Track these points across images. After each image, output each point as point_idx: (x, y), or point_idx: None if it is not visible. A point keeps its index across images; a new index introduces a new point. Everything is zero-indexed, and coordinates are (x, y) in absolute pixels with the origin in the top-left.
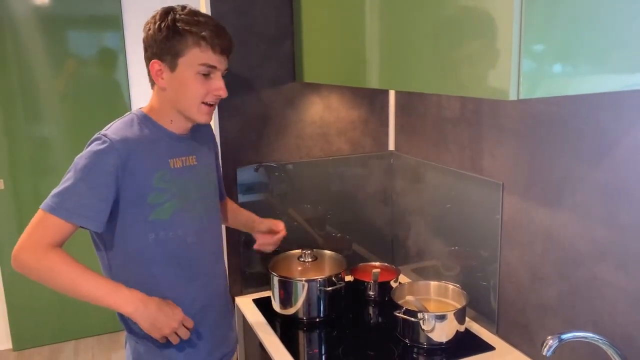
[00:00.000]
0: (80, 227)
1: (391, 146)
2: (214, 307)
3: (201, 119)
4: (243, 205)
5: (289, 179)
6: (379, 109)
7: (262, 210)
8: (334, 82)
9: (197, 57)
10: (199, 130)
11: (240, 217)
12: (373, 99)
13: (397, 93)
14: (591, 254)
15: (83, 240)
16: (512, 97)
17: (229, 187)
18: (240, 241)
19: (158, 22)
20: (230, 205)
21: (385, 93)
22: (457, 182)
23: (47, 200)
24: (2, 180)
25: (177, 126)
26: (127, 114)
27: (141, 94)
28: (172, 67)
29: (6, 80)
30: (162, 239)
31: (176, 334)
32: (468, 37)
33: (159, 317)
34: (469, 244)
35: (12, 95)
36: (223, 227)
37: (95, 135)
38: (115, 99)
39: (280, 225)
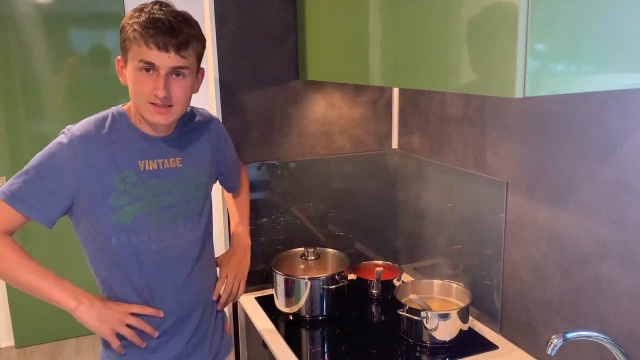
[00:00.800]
0: (30, 218)
1: (394, 144)
2: (191, 316)
3: (150, 118)
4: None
5: (292, 177)
6: (382, 107)
7: (265, 208)
8: (337, 79)
9: (137, 53)
10: (195, 130)
11: (233, 217)
12: (376, 97)
13: (401, 91)
14: (596, 252)
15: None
16: (519, 94)
17: None
18: None
19: (124, 19)
20: (233, 199)
21: (388, 90)
22: (461, 180)
23: (4, 187)
24: (4, 177)
25: (148, 127)
26: (108, 109)
27: None
28: (125, 63)
29: (8, 77)
30: (124, 243)
31: (129, 327)
32: (473, 34)
33: (105, 311)
34: (473, 243)
35: (14, 93)
36: (223, 228)
37: (63, 129)
38: (117, 96)
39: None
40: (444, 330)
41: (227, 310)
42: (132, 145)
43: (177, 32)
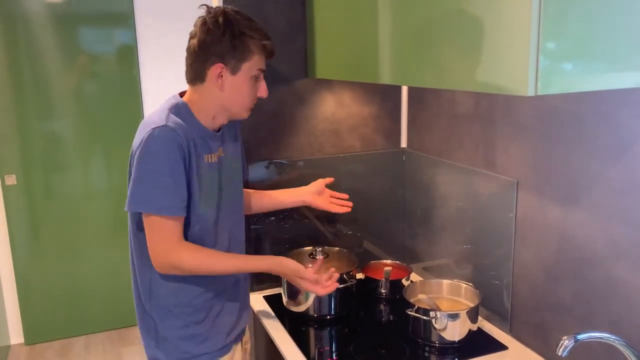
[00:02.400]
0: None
1: (403, 143)
2: (240, 288)
3: (245, 115)
4: None
5: (300, 175)
6: (391, 106)
7: None
8: (346, 78)
9: (257, 62)
10: (231, 126)
11: (276, 197)
12: (385, 95)
13: (410, 89)
14: (608, 253)
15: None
16: (530, 93)
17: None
18: (251, 237)
19: (223, 29)
20: (258, 193)
21: (397, 89)
22: (471, 179)
23: (140, 202)
24: (14, 175)
25: (215, 123)
26: (171, 102)
27: (153, 90)
28: (234, 71)
29: (19, 76)
30: (199, 230)
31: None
32: (485, 33)
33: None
34: (482, 243)
35: (25, 92)
36: None
37: (153, 126)
38: (127, 95)
39: (327, 179)
40: (453, 331)
41: None
42: (201, 141)
43: None
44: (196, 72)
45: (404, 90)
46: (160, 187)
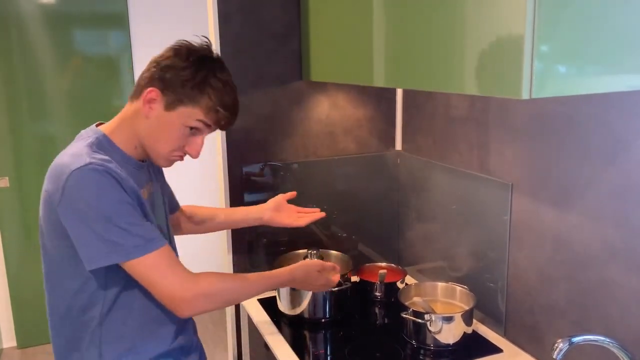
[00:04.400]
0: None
1: (398, 146)
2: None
3: (162, 163)
4: (248, 204)
5: (295, 178)
6: (386, 108)
7: None
8: (341, 80)
9: (197, 115)
10: None
11: (230, 214)
12: (380, 98)
13: (405, 91)
14: (602, 255)
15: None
16: (525, 95)
17: (234, 187)
18: (245, 240)
19: (189, 64)
20: (207, 210)
21: (392, 91)
22: (465, 182)
23: (123, 251)
24: (7, 178)
25: (139, 153)
26: (89, 136)
27: None
28: (168, 107)
29: (12, 78)
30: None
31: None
32: (479, 36)
33: (306, 286)
34: (477, 245)
35: (18, 93)
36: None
37: (70, 170)
38: (121, 97)
39: (288, 194)
40: (448, 333)
41: (230, 311)
42: (131, 175)
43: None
44: (138, 85)
45: (399, 92)
46: (127, 224)
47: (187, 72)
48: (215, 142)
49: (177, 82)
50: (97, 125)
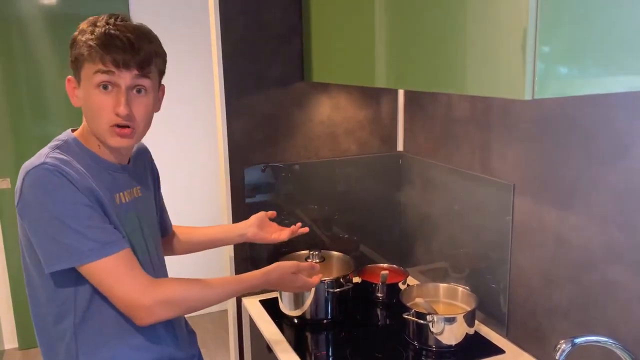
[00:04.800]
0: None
1: (400, 147)
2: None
3: (111, 141)
4: (250, 205)
5: (296, 179)
6: (387, 109)
7: (269, 210)
8: (343, 81)
9: (91, 67)
10: (139, 158)
11: (211, 233)
12: (382, 99)
13: (406, 92)
14: (604, 256)
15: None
16: (527, 96)
17: (236, 188)
18: (246, 242)
19: (75, 33)
20: (188, 230)
21: (394, 92)
22: (467, 183)
23: (77, 254)
24: (9, 179)
25: (108, 153)
26: (58, 139)
27: None
28: (78, 80)
29: (13, 79)
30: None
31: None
32: (481, 36)
33: (282, 288)
34: (479, 246)
35: (19, 95)
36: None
37: (27, 169)
38: None
39: (269, 213)
40: (450, 334)
41: (232, 312)
42: (105, 178)
43: (138, 49)
44: None
45: (401, 93)
46: (83, 226)
47: (71, 40)
48: (216, 144)
49: (70, 54)
50: (72, 130)
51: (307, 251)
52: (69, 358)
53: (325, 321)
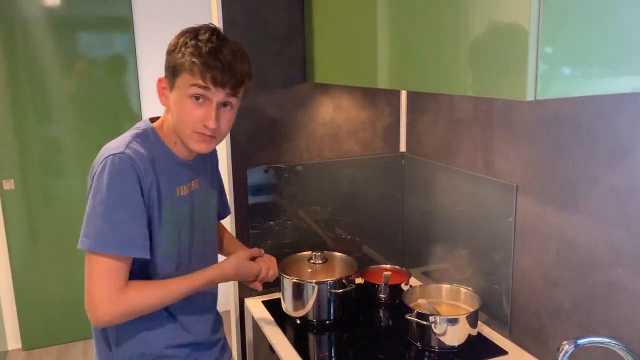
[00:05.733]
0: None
1: (402, 147)
2: (216, 334)
3: (194, 146)
4: (253, 206)
5: (299, 180)
6: (390, 110)
7: (272, 211)
8: (345, 82)
9: (188, 79)
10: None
11: (231, 244)
12: (384, 100)
13: (409, 93)
14: (607, 257)
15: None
16: (530, 97)
17: (239, 189)
18: (249, 243)
19: (176, 39)
20: (224, 230)
21: (396, 93)
22: (470, 184)
23: (90, 239)
24: (12, 180)
25: (181, 150)
26: (139, 127)
27: (151, 95)
28: (171, 86)
29: (17, 81)
30: (168, 272)
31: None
32: (484, 38)
33: (241, 276)
34: (482, 247)
35: (23, 96)
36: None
37: (109, 154)
38: (125, 100)
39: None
40: (453, 335)
41: (234, 313)
42: (171, 171)
43: (234, 72)
44: None
45: (403, 94)
46: (113, 222)
47: (171, 46)
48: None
49: (168, 59)
50: (150, 119)
51: (310, 252)
52: (110, 335)
53: (327, 322)
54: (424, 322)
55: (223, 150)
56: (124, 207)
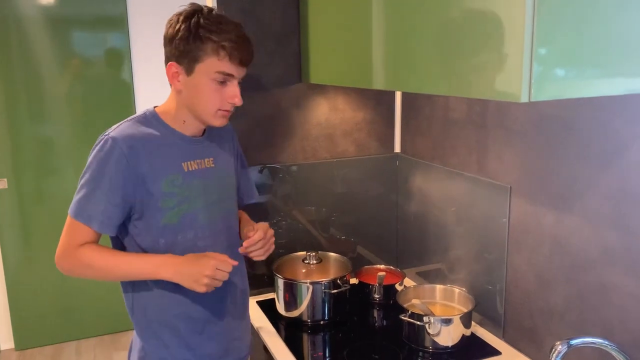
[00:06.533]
0: (93, 230)
1: (397, 148)
2: (227, 310)
3: (216, 122)
4: (247, 206)
5: (294, 180)
6: (385, 111)
7: (266, 211)
8: (340, 83)
9: (214, 65)
10: (216, 132)
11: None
12: (379, 101)
13: (404, 94)
14: (600, 258)
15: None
16: (524, 99)
17: None
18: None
19: (180, 24)
20: (242, 214)
21: (391, 94)
22: (464, 185)
23: (72, 205)
24: (5, 179)
25: (190, 128)
26: (140, 112)
27: (146, 94)
28: (189, 71)
29: (11, 79)
30: (170, 243)
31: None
32: (478, 40)
33: (193, 271)
34: (476, 248)
35: (17, 95)
36: None
37: (101, 136)
38: (120, 99)
39: (257, 229)
40: (447, 336)
41: None
42: (174, 147)
43: (251, 48)
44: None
45: (398, 95)
46: (87, 194)
47: (183, 32)
48: None
49: (182, 45)
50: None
51: (304, 252)
52: (135, 308)
53: (322, 322)
54: (418, 323)
55: None
56: (96, 184)
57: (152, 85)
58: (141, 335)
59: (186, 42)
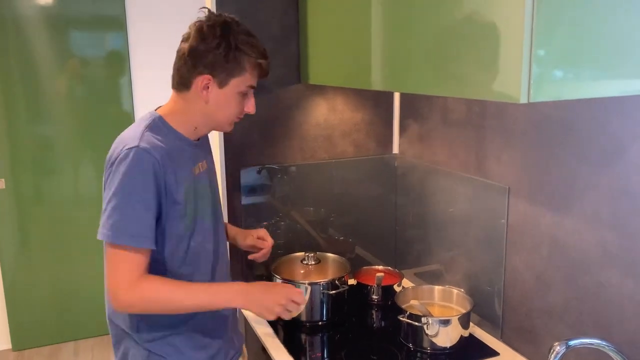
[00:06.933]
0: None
1: (395, 149)
2: (227, 311)
3: (229, 129)
4: (246, 207)
5: (292, 181)
6: (383, 111)
7: (265, 212)
8: (339, 83)
9: (248, 79)
10: (205, 136)
11: (228, 230)
12: (378, 101)
13: (402, 95)
14: (598, 259)
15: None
16: (523, 100)
17: (232, 190)
18: None
19: (218, 38)
20: None
21: (390, 95)
22: (462, 185)
23: (107, 230)
24: (3, 179)
25: (197, 133)
26: (147, 118)
27: (144, 94)
28: (222, 84)
29: (9, 79)
30: (186, 249)
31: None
32: (477, 41)
33: (267, 299)
34: (474, 249)
35: (15, 95)
36: None
37: (126, 149)
38: (118, 99)
39: (264, 242)
40: (445, 337)
41: None
42: (185, 153)
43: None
44: (182, 78)
45: (397, 96)
46: (128, 214)
47: (222, 48)
48: (212, 145)
49: (220, 60)
50: (156, 109)
51: (303, 253)
52: (130, 329)
53: (320, 323)
54: (416, 324)
55: (216, 151)
56: (137, 199)
57: (151, 85)
58: (150, 346)
59: (226, 57)
